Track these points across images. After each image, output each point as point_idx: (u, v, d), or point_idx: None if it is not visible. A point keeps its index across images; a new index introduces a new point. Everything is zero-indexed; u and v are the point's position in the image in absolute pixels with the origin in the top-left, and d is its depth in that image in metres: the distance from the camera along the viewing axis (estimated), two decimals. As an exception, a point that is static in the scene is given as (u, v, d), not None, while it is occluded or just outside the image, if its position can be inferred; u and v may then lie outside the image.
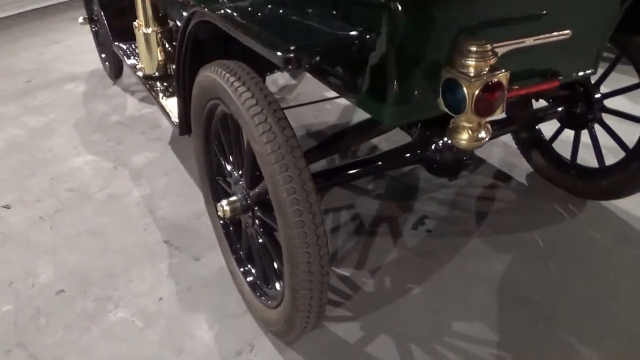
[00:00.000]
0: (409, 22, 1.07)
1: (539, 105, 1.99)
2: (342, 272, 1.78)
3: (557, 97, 1.89)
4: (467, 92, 1.09)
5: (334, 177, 1.55)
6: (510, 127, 1.93)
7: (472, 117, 1.12)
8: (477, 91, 1.08)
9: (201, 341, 1.56)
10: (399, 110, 1.24)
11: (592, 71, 1.53)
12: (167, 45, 2.16)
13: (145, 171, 2.39)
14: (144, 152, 2.52)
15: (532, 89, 1.39)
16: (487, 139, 1.19)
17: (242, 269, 1.62)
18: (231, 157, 1.50)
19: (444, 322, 1.58)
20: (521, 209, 2.07)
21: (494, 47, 1.10)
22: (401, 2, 1.04)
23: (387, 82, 1.19)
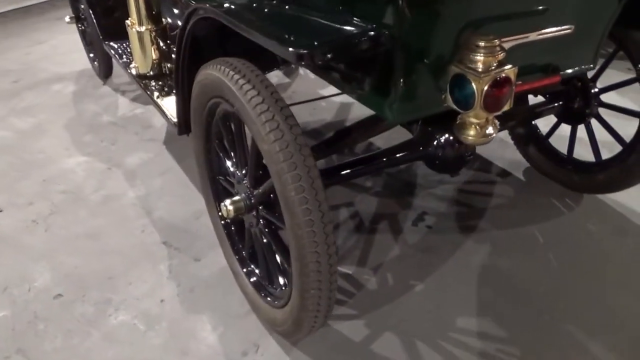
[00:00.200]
0: (415, 17, 1.07)
1: (535, 100, 2.00)
2: (345, 270, 1.77)
3: (555, 93, 1.90)
4: (476, 87, 1.08)
5: (336, 175, 1.53)
6: (508, 123, 1.93)
7: (481, 112, 1.12)
8: (486, 87, 1.08)
9: (205, 342, 1.54)
10: (405, 107, 1.23)
11: (592, 66, 1.54)
12: (161, 43, 2.12)
13: (139, 172, 2.35)
14: (138, 153, 2.49)
15: (535, 84, 1.40)
16: (494, 135, 1.19)
17: (245, 270, 1.60)
18: (233, 156, 1.49)
19: (447, 318, 1.58)
20: (519, 204, 2.08)
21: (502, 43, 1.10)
22: None
23: (392, 79, 1.18)
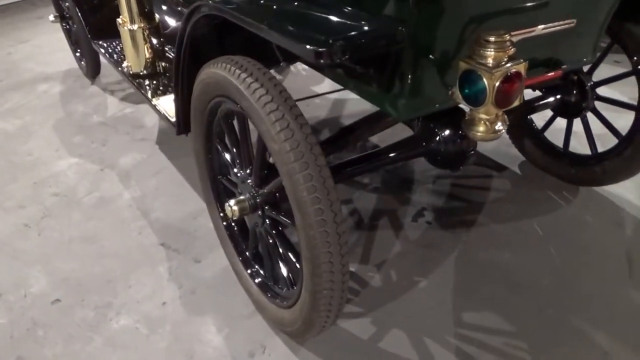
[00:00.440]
0: (428, 12, 1.06)
1: (531, 95, 2.01)
2: (348, 267, 1.76)
3: (551, 87, 1.91)
4: (487, 83, 1.07)
5: (340, 172, 1.52)
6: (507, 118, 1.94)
7: (492, 108, 1.11)
8: (497, 82, 1.07)
9: (211, 345, 1.52)
10: (412, 103, 1.22)
11: (591, 60, 1.56)
12: (154, 41, 2.08)
13: (133, 172, 2.31)
14: (131, 153, 2.44)
15: (539, 79, 1.40)
16: (503, 131, 1.18)
17: (249, 270, 1.58)
18: (237, 156, 1.46)
19: (453, 313, 1.58)
20: (516, 198, 2.09)
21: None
22: None
23: (400, 75, 1.17)
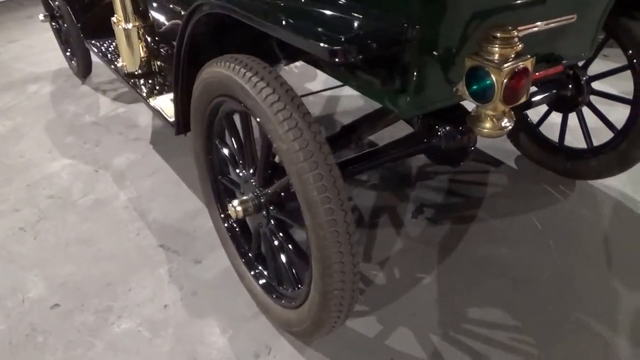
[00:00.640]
0: (437, 9, 1.05)
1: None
2: (350, 266, 1.76)
3: (547, 81, 1.92)
4: (495, 79, 1.07)
5: (342, 171, 1.50)
6: None
7: (500, 105, 1.11)
8: (506, 79, 1.07)
9: (215, 347, 1.51)
10: (417, 100, 1.22)
11: (589, 54, 1.57)
12: (149, 40, 2.05)
13: (128, 173, 2.28)
14: (125, 153, 2.41)
15: (541, 74, 1.40)
16: (510, 127, 1.18)
17: (253, 271, 1.57)
18: (240, 156, 1.45)
19: (458, 309, 1.59)
20: (514, 193, 2.11)
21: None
22: None
23: (406, 72, 1.16)
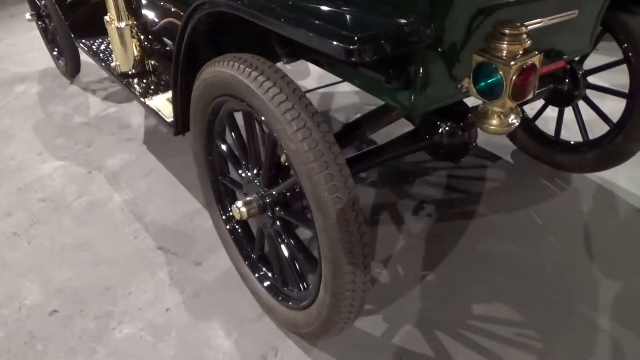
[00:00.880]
0: (446, 6, 1.04)
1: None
2: (353, 264, 1.75)
3: (544, 76, 1.92)
4: (504, 76, 1.07)
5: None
6: None
7: (508, 102, 1.11)
8: (514, 76, 1.07)
9: (221, 350, 1.49)
10: (424, 97, 1.20)
11: (589, 49, 1.57)
12: (143, 39, 2.01)
13: (123, 174, 2.25)
14: (118, 154, 2.37)
15: (544, 70, 1.40)
16: (517, 124, 1.18)
17: (257, 273, 1.55)
18: (243, 156, 1.42)
19: (464, 305, 1.59)
20: (512, 188, 2.11)
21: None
22: None
23: (413, 69, 1.15)
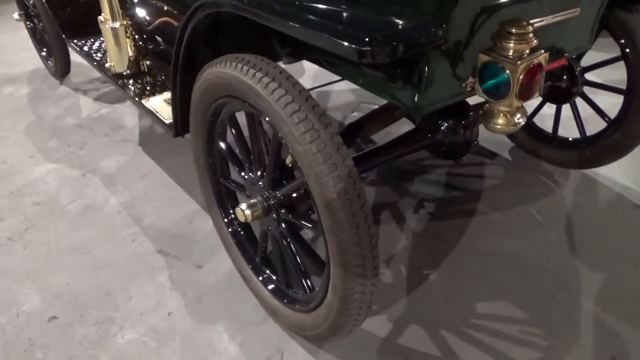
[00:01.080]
0: (455, 6, 1.03)
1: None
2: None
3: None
4: (511, 76, 1.07)
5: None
6: None
7: (514, 101, 1.10)
8: (521, 75, 1.06)
9: (226, 354, 1.47)
10: (429, 97, 1.20)
11: (589, 46, 1.57)
12: (138, 39, 1.98)
13: (118, 176, 2.22)
14: (113, 156, 2.34)
15: (547, 68, 1.40)
16: (523, 122, 1.18)
17: (261, 276, 1.53)
18: (246, 158, 1.41)
19: (467, 303, 1.59)
20: (511, 184, 2.12)
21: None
22: None
23: (418, 69, 1.14)
